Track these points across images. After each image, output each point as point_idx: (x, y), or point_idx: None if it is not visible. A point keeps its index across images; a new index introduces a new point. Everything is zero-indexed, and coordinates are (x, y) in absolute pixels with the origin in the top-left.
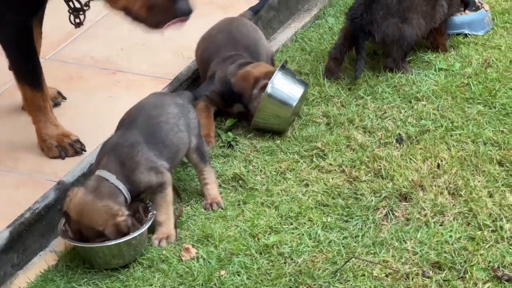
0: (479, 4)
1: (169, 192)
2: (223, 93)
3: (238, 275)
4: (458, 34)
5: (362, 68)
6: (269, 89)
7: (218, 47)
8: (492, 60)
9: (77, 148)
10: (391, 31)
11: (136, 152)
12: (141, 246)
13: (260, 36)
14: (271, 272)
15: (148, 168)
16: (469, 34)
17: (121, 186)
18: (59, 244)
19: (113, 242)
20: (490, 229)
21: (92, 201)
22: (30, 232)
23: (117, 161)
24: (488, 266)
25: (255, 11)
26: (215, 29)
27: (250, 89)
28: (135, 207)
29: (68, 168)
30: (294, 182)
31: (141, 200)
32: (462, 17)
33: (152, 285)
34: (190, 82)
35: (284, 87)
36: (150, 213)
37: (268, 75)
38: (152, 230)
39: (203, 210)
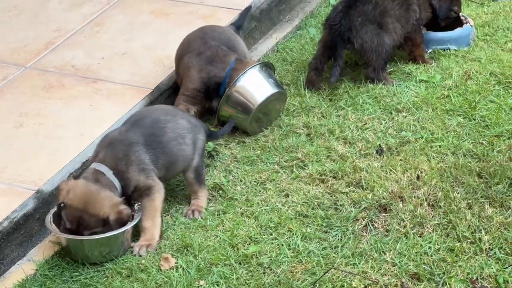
0: (462, 18)
1: (157, 197)
2: (204, 89)
3: (217, 285)
4: None
5: (337, 74)
6: (239, 77)
7: (189, 42)
8: (472, 72)
9: None
10: (369, 37)
11: (133, 152)
12: (116, 247)
13: (239, 42)
14: (250, 282)
15: (140, 169)
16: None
17: (116, 182)
18: (37, 253)
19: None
20: (469, 240)
21: (97, 191)
22: (8, 241)
23: (114, 157)
24: (467, 278)
25: (237, 26)
26: (188, 34)
27: None
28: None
29: (47, 177)
30: (274, 193)
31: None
32: (448, 33)
33: None
34: (171, 91)
35: (256, 82)
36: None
37: None
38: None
39: (183, 218)
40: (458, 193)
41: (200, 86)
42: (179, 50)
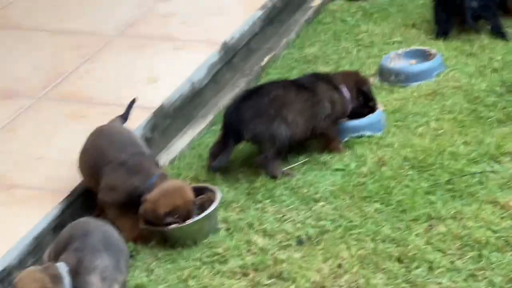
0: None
1: None
2: (130, 202)
3: None
4: None
5: (223, 163)
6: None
7: (101, 150)
8: (387, 158)
9: None
10: (259, 130)
11: (91, 257)
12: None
13: (137, 137)
14: None
15: (102, 278)
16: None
17: (66, 279)
18: None
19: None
20: None
21: (30, 272)
22: None
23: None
24: None
25: (124, 118)
26: (89, 140)
27: (160, 220)
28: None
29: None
30: None
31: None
32: (362, 120)
33: None
34: (88, 195)
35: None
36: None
37: (177, 210)
38: None
39: None
40: (380, 279)
41: (126, 199)
42: (91, 159)
